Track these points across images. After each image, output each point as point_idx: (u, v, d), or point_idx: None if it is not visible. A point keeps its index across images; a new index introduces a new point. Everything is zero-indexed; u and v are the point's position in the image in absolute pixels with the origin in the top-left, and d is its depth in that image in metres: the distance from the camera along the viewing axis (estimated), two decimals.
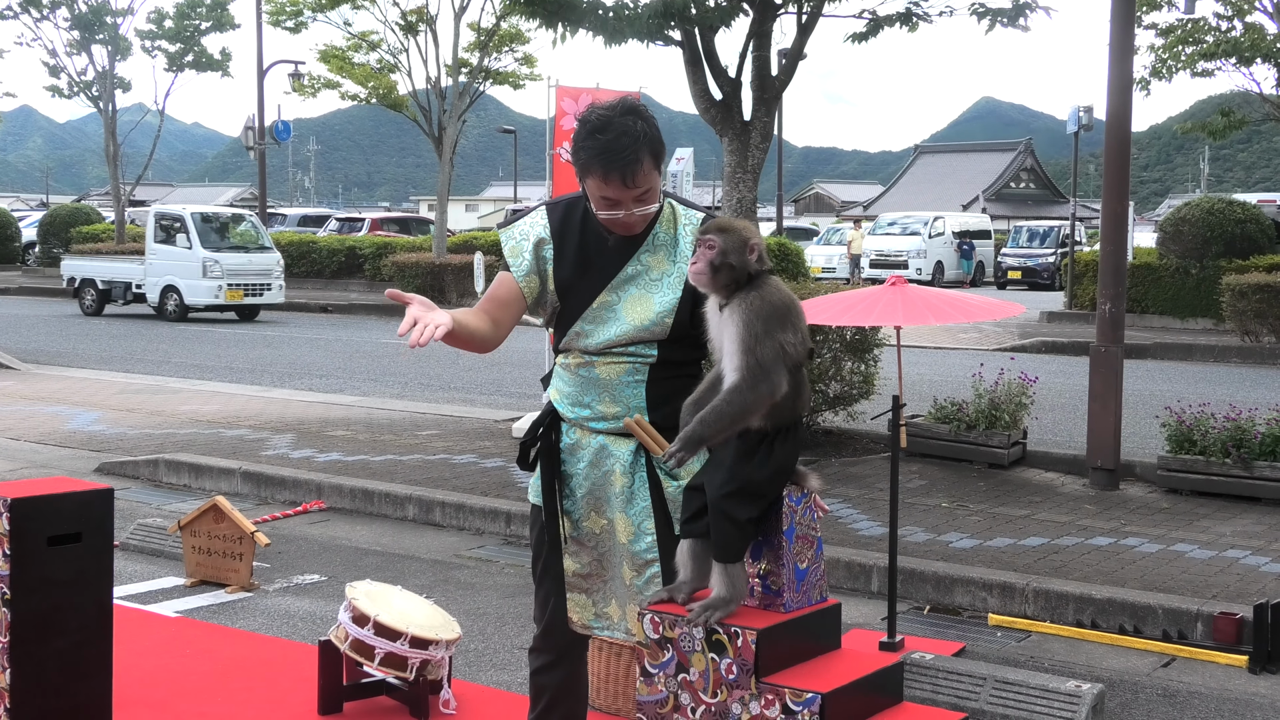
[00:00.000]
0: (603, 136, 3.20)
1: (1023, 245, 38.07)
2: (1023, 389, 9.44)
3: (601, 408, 3.40)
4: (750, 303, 2.99)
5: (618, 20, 9.73)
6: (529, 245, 3.43)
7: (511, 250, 3.45)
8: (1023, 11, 10.12)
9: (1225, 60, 22.49)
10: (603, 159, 3.20)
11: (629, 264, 3.37)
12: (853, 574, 6.84)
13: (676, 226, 3.42)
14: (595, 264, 3.36)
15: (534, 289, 3.43)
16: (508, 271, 3.44)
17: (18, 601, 3.93)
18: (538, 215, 3.48)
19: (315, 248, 32.00)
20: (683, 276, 3.32)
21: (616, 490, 3.40)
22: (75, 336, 19.84)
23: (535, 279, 3.42)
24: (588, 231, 3.40)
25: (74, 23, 30.27)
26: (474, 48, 27.34)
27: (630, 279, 3.37)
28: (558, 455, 3.46)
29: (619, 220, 3.30)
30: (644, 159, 3.22)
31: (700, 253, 3.05)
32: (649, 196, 3.28)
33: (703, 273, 3.04)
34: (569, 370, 3.47)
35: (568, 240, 3.41)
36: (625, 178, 3.21)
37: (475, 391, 13.84)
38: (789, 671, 2.97)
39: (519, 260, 3.42)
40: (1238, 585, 6.40)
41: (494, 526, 7.97)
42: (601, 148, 3.20)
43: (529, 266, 3.42)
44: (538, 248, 3.42)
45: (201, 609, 6.26)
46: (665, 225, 3.41)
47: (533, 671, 3.61)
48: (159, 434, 10.70)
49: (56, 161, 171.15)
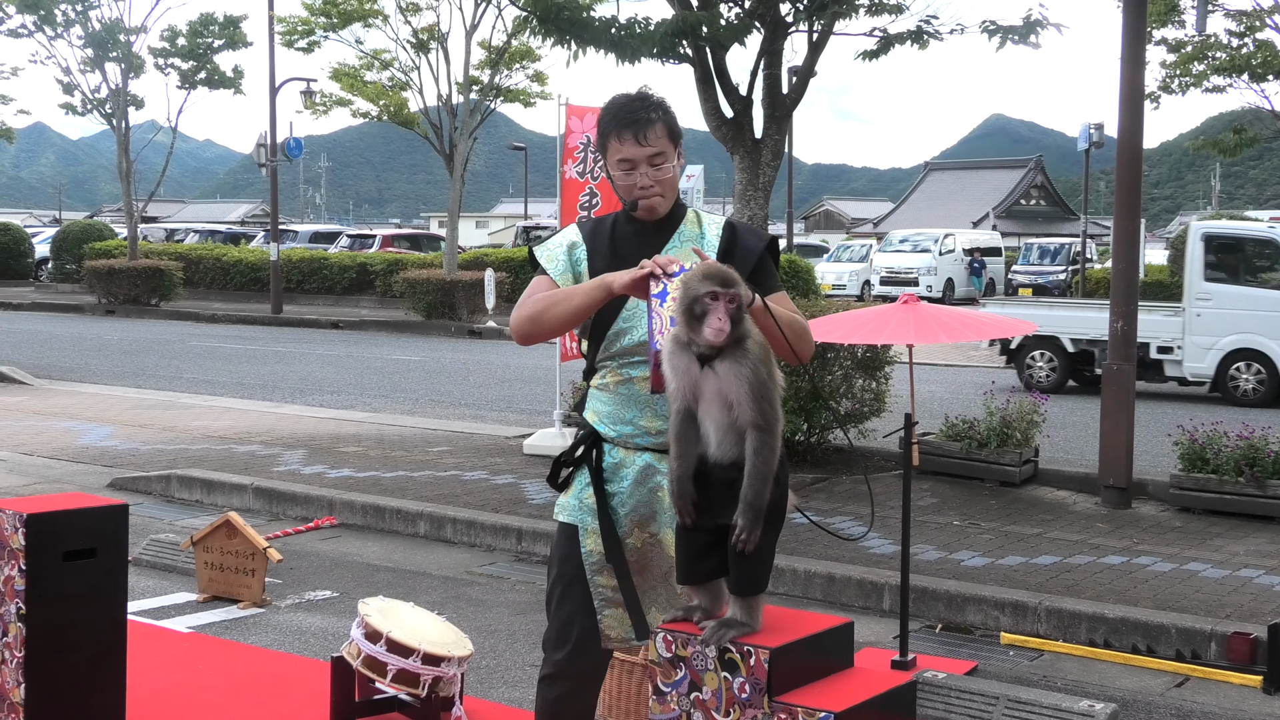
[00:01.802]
0: (619, 102, 3.49)
1: (1033, 262, 38.01)
2: (1034, 407, 9.43)
3: (644, 423, 3.43)
4: (751, 349, 2.93)
5: (630, 38, 9.75)
6: (562, 250, 3.57)
7: (547, 257, 3.58)
8: (1034, 29, 10.12)
9: (1237, 77, 22.49)
10: (617, 118, 3.45)
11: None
12: (865, 592, 6.83)
13: (701, 225, 3.58)
14: (627, 263, 3.41)
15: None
16: (544, 274, 3.55)
17: (33, 616, 3.94)
18: (569, 229, 3.67)
19: (326, 264, 32.07)
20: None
21: (665, 505, 3.39)
22: (88, 352, 19.91)
23: (570, 279, 3.53)
24: (618, 236, 3.55)
25: (88, 41, 30.38)
26: (485, 65, 27.42)
27: None
28: (600, 475, 3.47)
29: (635, 185, 3.44)
30: (657, 120, 3.43)
31: (721, 307, 2.89)
32: (663, 162, 3.44)
33: (725, 330, 2.89)
34: (606, 390, 3.50)
35: (599, 243, 3.56)
36: (638, 134, 3.40)
37: (486, 408, 13.85)
38: (802, 690, 2.97)
39: (555, 263, 3.56)
40: (1251, 605, 6.38)
41: (505, 543, 7.97)
42: (618, 108, 3.48)
43: (564, 267, 3.55)
44: (570, 250, 3.57)
45: (214, 624, 6.27)
46: (690, 224, 3.57)
47: (551, 699, 3.50)
48: (171, 449, 10.73)
49: (69, 178, 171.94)
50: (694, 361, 2.93)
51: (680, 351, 2.96)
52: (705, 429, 2.98)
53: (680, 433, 2.99)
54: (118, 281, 29.56)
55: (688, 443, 2.98)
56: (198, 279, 33.20)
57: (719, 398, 2.94)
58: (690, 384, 2.95)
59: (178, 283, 30.05)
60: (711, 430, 2.97)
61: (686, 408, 2.98)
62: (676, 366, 2.97)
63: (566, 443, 11.86)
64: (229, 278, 33.30)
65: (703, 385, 2.94)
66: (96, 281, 29.96)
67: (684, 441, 2.98)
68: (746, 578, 2.96)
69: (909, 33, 10.49)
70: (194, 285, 32.58)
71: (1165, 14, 21.95)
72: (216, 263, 33.82)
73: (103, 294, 29.91)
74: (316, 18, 27.36)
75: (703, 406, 2.97)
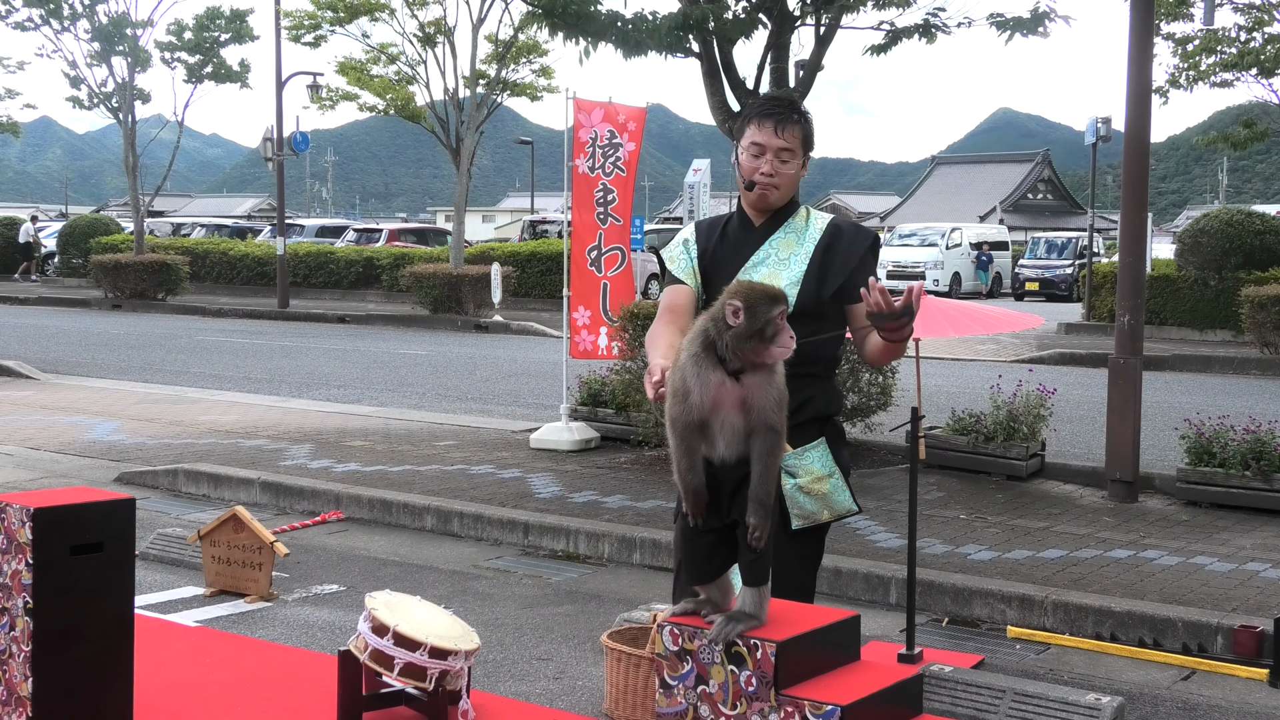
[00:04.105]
0: (772, 98, 3.83)
1: (1040, 256, 37.96)
2: (1041, 401, 9.42)
3: None
4: (778, 366, 3.08)
5: (637, 32, 9.75)
6: (680, 247, 3.86)
7: (670, 259, 3.85)
8: (1041, 21, 10.10)
9: (1245, 72, 22.43)
10: (763, 105, 3.74)
11: (763, 248, 3.75)
12: (871, 586, 6.83)
13: (808, 219, 3.82)
14: (733, 253, 3.78)
15: (698, 282, 3.79)
16: (672, 282, 3.79)
17: (40, 610, 3.95)
18: (686, 228, 3.98)
19: (333, 258, 32.10)
20: (808, 255, 3.71)
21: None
22: (94, 347, 19.93)
23: (695, 274, 3.80)
24: (729, 231, 3.84)
25: (94, 35, 30.41)
26: (491, 59, 27.40)
27: (761, 261, 3.73)
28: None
29: (758, 170, 3.68)
30: (798, 122, 3.70)
31: (787, 326, 3.02)
32: (789, 156, 3.69)
33: (792, 348, 3.04)
34: None
35: (711, 238, 3.85)
36: (777, 125, 3.67)
37: (493, 402, 13.86)
38: (808, 684, 2.97)
39: (679, 264, 3.83)
40: (1258, 598, 6.38)
41: (512, 537, 7.98)
42: (768, 99, 3.81)
43: (686, 264, 3.81)
44: (686, 245, 3.86)
45: (221, 619, 6.28)
46: (799, 218, 3.81)
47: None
48: (178, 444, 10.74)
49: (75, 172, 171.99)
50: (725, 376, 3.03)
51: (712, 367, 3.03)
52: (714, 433, 3.06)
53: (690, 445, 3.06)
54: (124, 276, 29.60)
55: (696, 452, 3.07)
56: (204, 273, 33.24)
57: (740, 405, 3.03)
58: (713, 396, 3.03)
59: (184, 277, 30.09)
60: (722, 434, 3.05)
61: (698, 420, 3.05)
62: (707, 381, 3.03)
63: (573, 437, 11.86)
64: (235, 272, 33.34)
65: (723, 396, 3.03)
66: (103, 276, 30.00)
67: (694, 451, 3.07)
68: (759, 569, 3.05)
69: (916, 26, 10.48)
70: (200, 280, 32.62)
71: (1174, 8, 21.89)
72: (223, 257, 33.86)
73: (109, 289, 29.96)
74: (323, 11, 27.34)
75: (719, 415, 3.04)
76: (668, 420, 3.09)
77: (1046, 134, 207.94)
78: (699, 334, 3.05)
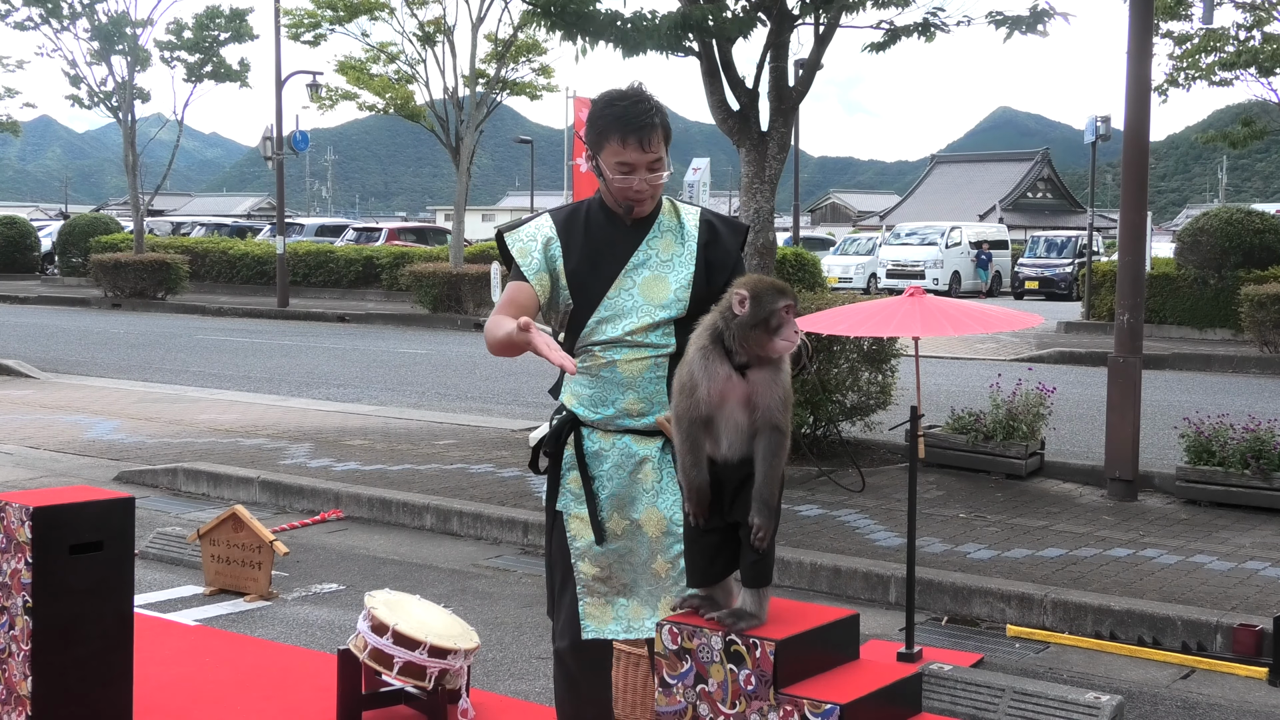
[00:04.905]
0: (621, 104, 3.45)
1: (1040, 255, 37.95)
2: (1040, 399, 9.42)
3: (625, 405, 3.48)
4: (784, 364, 3.05)
5: (636, 31, 9.74)
6: (537, 245, 3.53)
7: (520, 251, 3.54)
8: (1040, 19, 10.10)
9: (1244, 70, 22.42)
10: (621, 123, 3.42)
11: (638, 251, 3.52)
12: (870, 585, 6.83)
13: (679, 215, 3.61)
14: (605, 255, 3.51)
15: (545, 287, 3.51)
16: (518, 278, 3.52)
17: (40, 609, 3.95)
18: (542, 220, 3.60)
19: (332, 257, 32.09)
20: (693, 255, 3.53)
21: (646, 486, 3.47)
22: (94, 346, 19.93)
23: (546, 277, 3.51)
24: (593, 228, 3.55)
25: (94, 34, 30.42)
26: (491, 58, 27.41)
27: (641, 264, 3.52)
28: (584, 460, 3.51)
29: (631, 189, 3.45)
30: (658, 126, 3.45)
31: (793, 319, 3.00)
32: (659, 166, 3.47)
33: (798, 340, 3.02)
34: (588, 373, 3.52)
35: (574, 237, 3.54)
36: (642, 141, 3.41)
37: (492, 401, 13.86)
38: (808, 682, 2.97)
39: (528, 260, 3.52)
40: (1258, 597, 6.38)
41: (511, 536, 7.98)
42: (620, 113, 3.44)
43: (539, 265, 3.51)
44: (545, 247, 3.53)
45: (220, 617, 6.28)
46: (668, 215, 3.59)
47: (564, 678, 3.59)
48: (177, 443, 10.75)
49: (75, 171, 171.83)
50: (733, 370, 3.01)
51: (720, 361, 3.02)
52: (719, 430, 3.05)
53: (696, 441, 3.05)
54: (124, 275, 29.60)
55: (700, 449, 3.05)
56: (204, 272, 33.23)
57: (744, 402, 3.02)
58: (720, 390, 3.02)
59: (184, 276, 30.09)
60: (726, 431, 3.04)
61: (705, 415, 3.04)
62: (714, 374, 3.02)
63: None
64: (235, 271, 33.33)
65: (729, 391, 3.02)
66: (103, 275, 30.01)
67: (698, 449, 3.05)
68: (761, 571, 3.04)
69: (916, 25, 10.47)
70: (200, 279, 32.61)
71: (1173, 6, 21.89)
72: (223, 256, 33.84)
73: (109, 287, 29.96)
74: (323, 10, 27.34)
75: (724, 410, 3.03)
76: (673, 417, 3.09)
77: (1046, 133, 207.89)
78: (707, 328, 3.06)
